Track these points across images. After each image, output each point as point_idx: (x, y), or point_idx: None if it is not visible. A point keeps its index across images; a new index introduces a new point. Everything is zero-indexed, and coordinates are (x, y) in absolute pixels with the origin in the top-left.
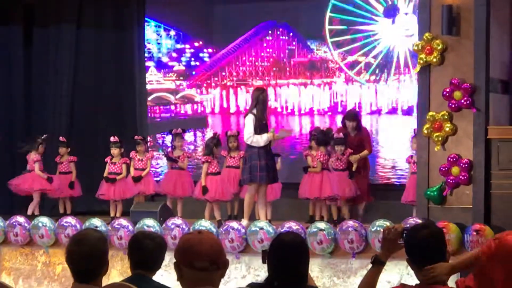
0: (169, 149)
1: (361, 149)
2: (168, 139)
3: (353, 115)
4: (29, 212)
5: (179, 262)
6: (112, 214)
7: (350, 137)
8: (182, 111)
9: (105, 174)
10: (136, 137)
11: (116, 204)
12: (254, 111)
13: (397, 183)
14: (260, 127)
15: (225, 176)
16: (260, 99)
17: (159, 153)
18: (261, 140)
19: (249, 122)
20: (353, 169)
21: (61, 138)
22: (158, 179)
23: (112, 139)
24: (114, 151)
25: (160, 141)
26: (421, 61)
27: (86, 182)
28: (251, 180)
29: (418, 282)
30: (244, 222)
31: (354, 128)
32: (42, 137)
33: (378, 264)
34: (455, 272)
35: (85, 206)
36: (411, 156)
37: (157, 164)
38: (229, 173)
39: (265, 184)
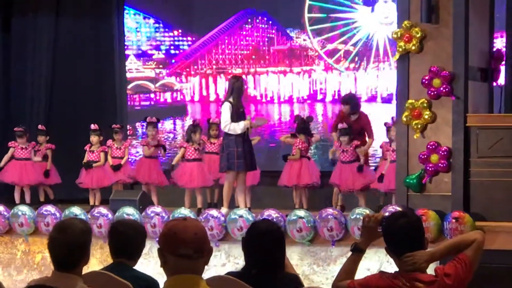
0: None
1: (361, 138)
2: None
3: (346, 99)
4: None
5: (163, 248)
6: (91, 203)
7: (351, 122)
8: (162, 99)
9: (84, 161)
10: (113, 126)
11: (95, 193)
12: (231, 99)
13: None
14: (237, 115)
15: (206, 162)
16: (235, 86)
17: (138, 142)
18: (238, 127)
19: (225, 110)
20: (362, 162)
21: (40, 127)
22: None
23: (92, 126)
24: (93, 138)
25: (139, 129)
26: (400, 49)
27: (67, 170)
28: (228, 168)
29: (397, 269)
30: (224, 210)
31: (349, 112)
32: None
33: (357, 252)
34: (434, 260)
35: (66, 194)
36: (389, 144)
37: (137, 152)
38: (209, 158)
39: (243, 172)
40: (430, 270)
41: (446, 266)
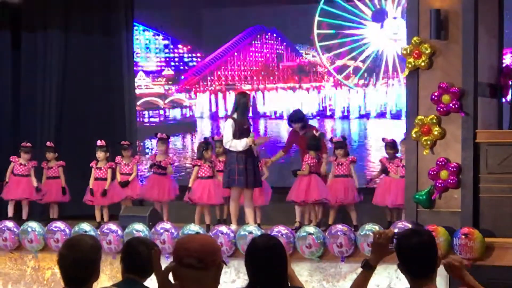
0: (153, 152)
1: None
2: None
3: (296, 116)
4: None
5: (173, 259)
6: (98, 219)
7: (299, 137)
8: (171, 116)
9: (91, 179)
10: (122, 142)
11: (102, 209)
12: (235, 115)
13: None
14: (240, 131)
15: (217, 180)
16: (241, 103)
17: (146, 158)
18: (239, 144)
19: (228, 127)
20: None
21: (48, 143)
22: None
23: (98, 142)
24: (100, 154)
25: (148, 145)
26: (410, 65)
27: (75, 187)
28: (228, 184)
29: (407, 286)
30: (233, 226)
31: (300, 128)
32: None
33: (368, 269)
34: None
35: (74, 211)
36: (394, 159)
37: (145, 168)
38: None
39: (247, 188)
40: (442, 286)
41: None
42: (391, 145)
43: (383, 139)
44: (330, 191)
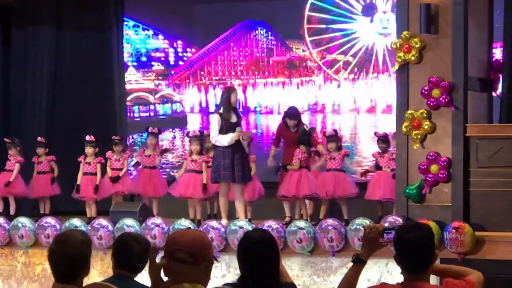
0: (141, 148)
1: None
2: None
3: (293, 114)
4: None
5: (164, 254)
6: (88, 215)
7: (291, 133)
8: (161, 111)
9: (79, 174)
10: (113, 137)
11: (90, 204)
12: (221, 110)
13: None
14: (227, 126)
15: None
16: (224, 98)
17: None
18: (224, 140)
19: (213, 122)
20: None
21: (39, 139)
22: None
23: (87, 138)
24: (89, 150)
25: (138, 140)
26: (400, 60)
27: (65, 182)
28: (215, 179)
29: (398, 281)
30: (224, 221)
31: (294, 125)
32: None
33: (358, 263)
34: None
35: (64, 206)
36: (379, 153)
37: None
38: (208, 172)
39: (236, 183)
40: (434, 281)
41: (457, 281)
42: (383, 139)
43: (375, 133)
44: (321, 184)
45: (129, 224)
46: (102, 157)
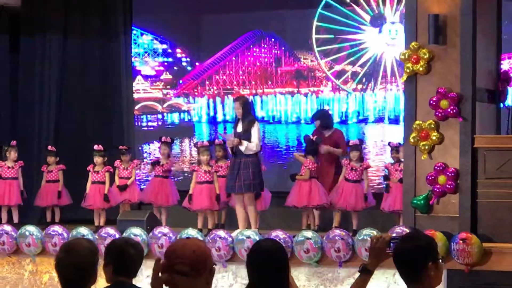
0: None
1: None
2: (153, 147)
3: (316, 114)
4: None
5: (164, 265)
6: (96, 223)
7: (324, 137)
8: (169, 120)
9: (88, 183)
10: (120, 147)
11: (100, 213)
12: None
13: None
14: (234, 136)
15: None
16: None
17: (144, 162)
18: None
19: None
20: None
21: (49, 147)
22: (143, 187)
23: (95, 147)
24: (98, 159)
25: (146, 149)
26: (408, 70)
27: (72, 190)
28: (226, 189)
29: None
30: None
31: (322, 127)
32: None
33: (366, 273)
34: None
35: (72, 215)
36: (394, 164)
37: (144, 172)
38: (219, 182)
39: (236, 194)
40: None
41: None
42: (397, 149)
43: (389, 143)
44: (339, 194)
45: (136, 233)
46: (110, 166)
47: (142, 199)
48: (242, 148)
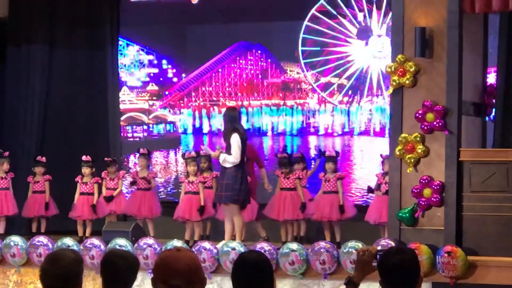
0: (135, 169)
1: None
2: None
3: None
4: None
5: (155, 278)
6: (80, 234)
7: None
8: (155, 131)
9: (76, 194)
10: (106, 158)
11: (86, 224)
12: None
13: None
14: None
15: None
16: None
17: (128, 174)
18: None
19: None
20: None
21: (38, 158)
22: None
23: (83, 158)
24: (86, 170)
25: (132, 160)
26: (394, 83)
27: (57, 201)
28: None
29: None
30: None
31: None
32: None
33: (351, 286)
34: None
35: (57, 226)
36: (384, 176)
37: (127, 185)
38: (204, 193)
39: (224, 204)
40: None
41: None
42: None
43: (381, 155)
44: (317, 206)
45: (122, 244)
46: (99, 176)
47: (125, 211)
48: (220, 160)
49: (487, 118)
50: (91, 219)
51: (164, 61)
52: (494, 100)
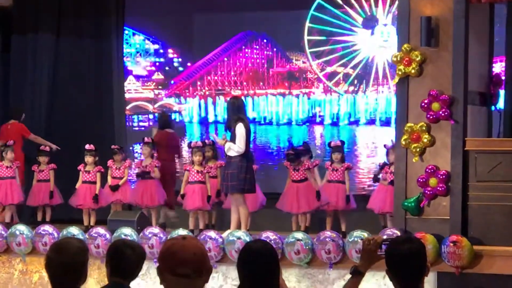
0: (140, 159)
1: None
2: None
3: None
4: (7, 219)
5: (162, 267)
6: (85, 223)
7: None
8: None
9: (78, 182)
10: (113, 146)
11: (90, 213)
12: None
13: None
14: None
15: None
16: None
17: (135, 163)
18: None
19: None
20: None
21: (42, 147)
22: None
23: (87, 146)
24: (88, 159)
25: (137, 149)
26: (400, 72)
27: (63, 190)
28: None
29: None
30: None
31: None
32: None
33: (357, 275)
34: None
35: (63, 215)
36: (388, 166)
37: (134, 173)
38: (210, 183)
39: (231, 193)
40: None
41: None
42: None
43: (385, 146)
44: (322, 195)
45: (127, 233)
46: (103, 165)
47: (130, 200)
48: (225, 148)
49: (493, 108)
50: (94, 208)
51: (170, 50)
52: (499, 89)
